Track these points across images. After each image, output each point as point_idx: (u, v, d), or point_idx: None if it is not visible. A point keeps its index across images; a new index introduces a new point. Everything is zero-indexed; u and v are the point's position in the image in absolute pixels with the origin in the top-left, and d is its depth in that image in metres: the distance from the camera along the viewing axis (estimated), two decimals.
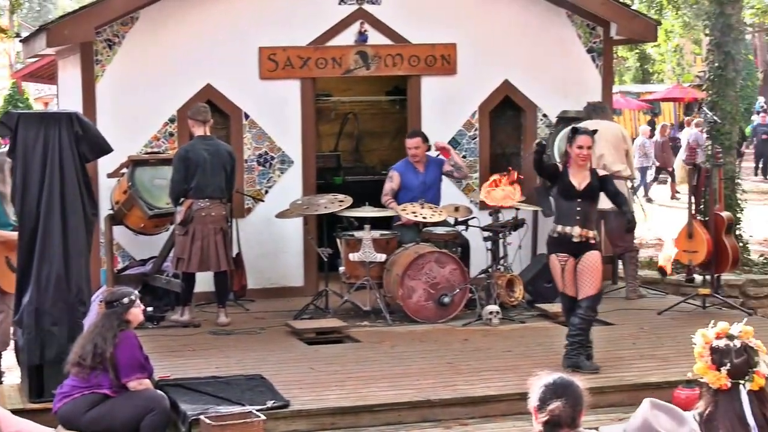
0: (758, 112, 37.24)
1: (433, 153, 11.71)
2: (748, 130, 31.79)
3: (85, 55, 11.58)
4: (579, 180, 8.85)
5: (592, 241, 8.87)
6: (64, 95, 13.31)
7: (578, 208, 8.80)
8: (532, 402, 4.26)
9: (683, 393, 7.78)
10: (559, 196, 8.96)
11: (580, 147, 8.84)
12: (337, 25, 12.21)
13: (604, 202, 11.46)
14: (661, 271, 11.72)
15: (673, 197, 25.31)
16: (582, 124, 11.44)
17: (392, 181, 11.59)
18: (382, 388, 8.38)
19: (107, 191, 11.38)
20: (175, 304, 11.09)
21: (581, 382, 4.29)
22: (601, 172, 9.17)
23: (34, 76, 18.47)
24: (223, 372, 8.77)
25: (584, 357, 8.86)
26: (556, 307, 10.67)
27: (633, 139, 37.23)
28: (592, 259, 8.83)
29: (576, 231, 8.78)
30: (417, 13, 12.44)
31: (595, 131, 9.13)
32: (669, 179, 26.24)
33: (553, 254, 8.93)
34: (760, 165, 30.82)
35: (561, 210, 8.96)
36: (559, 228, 8.85)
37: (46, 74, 16.04)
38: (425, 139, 11.65)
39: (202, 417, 7.40)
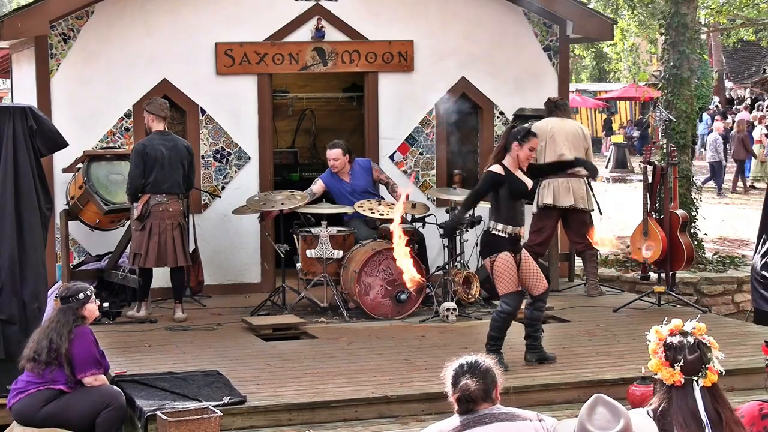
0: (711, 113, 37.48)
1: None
2: (701, 127, 32.02)
3: (39, 49, 11.50)
4: (526, 180, 8.74)
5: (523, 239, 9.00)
6: (18, 90, 13.20)
7: (522, 208, 8.87)
8: (448, 391, 4.46)
9: (638, 389, 7.83)
10: (509, 197, 8.66)
11: (532, 149, 8.74)
12: (294, 21, 12.18)
13: (565, 200, 11.55)
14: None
15: (746, 191, 25.93)
16: (543, 121, 11.49)
17: (315, 185, 11.52)
18: (339, 384, 8.38)
19: (63, 186, 11.32)
20: (131, 300, 11.07)
21: (491, 361, 4.50)
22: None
23: None
24: (179, 368, 8.74)
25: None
26: None
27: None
28: (528, 255, 8.95)
29: (521, 231, 8.76)
30: (374, 10, 12.43)
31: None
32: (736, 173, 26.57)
33: (505, 252, 8.64)
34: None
35: (509, 210, 8.69)
36: (510, 228, 8.64)
37: (0, 68, 15.89)
38: (346, 151, 11.49)
39: (158, 413, 7.38)
